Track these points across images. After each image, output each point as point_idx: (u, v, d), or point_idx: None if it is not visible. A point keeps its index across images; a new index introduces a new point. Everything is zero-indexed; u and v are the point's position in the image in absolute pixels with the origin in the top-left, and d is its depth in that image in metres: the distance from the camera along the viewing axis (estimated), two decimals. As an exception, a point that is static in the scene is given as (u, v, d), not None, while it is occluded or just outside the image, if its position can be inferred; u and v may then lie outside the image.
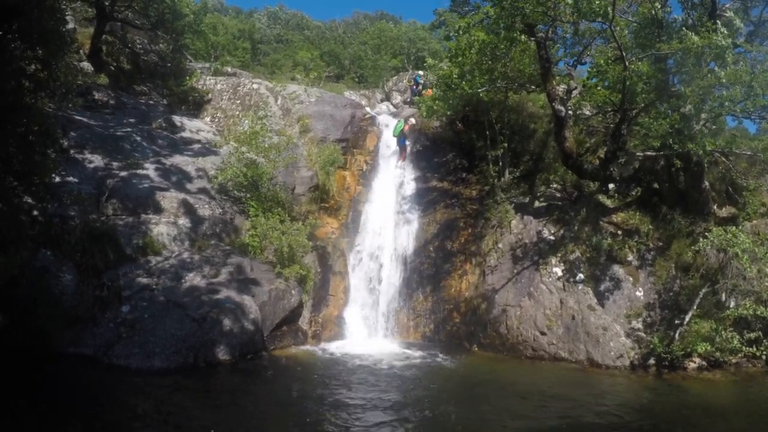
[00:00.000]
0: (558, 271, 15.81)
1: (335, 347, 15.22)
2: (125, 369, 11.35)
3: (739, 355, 13.44)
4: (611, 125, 17.21)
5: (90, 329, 12.12)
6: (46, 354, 11.24)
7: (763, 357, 13.29)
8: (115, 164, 16.24)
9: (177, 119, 20.46)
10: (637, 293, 15.27)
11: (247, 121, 19.32)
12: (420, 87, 26.86)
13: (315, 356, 14.18)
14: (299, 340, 15.10)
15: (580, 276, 15.57)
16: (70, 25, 19.49)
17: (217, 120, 22.00)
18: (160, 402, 10.10)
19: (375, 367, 13.34)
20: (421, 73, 27.61)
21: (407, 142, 21.33)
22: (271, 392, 11.18)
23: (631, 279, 15.45)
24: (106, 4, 21.21)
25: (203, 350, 12.15)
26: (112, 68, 22.78)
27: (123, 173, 15.82)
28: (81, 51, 21.97)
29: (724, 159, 16.36)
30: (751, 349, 13.17)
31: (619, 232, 16.34)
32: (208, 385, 11.23)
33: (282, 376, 12.44)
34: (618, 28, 14.94)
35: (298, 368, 13.08)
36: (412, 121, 21.61)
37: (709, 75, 13.17)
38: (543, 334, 14.92)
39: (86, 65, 21.51)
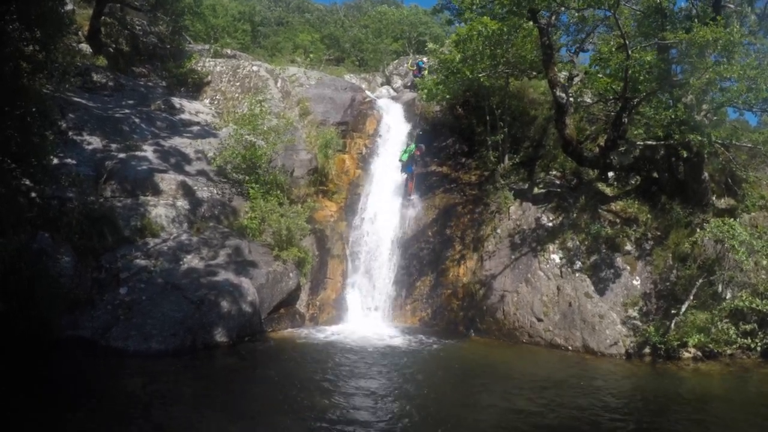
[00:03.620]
0: (556, 258, 15.84)
1: (332, 330, 15.30)
2: (123, 351, 11.39)
3: (734, 346, 13.50)
4: (612, 113, 17.17)
5: (88, 312, 12.16)
6: (45, 337, 11.26)
7: (758, 349, 13.36)
8: (113, 146, 16.23)
9: (176, 101, 20.40)
10: (634, 282, 15.30)
11: (246, 104, 19.24)
12: (424, 72, 26.54)
13: (312, 339, 14.24)
14: (297, 322, 15.18)
15: (578, 263, 15.60)
16: (69, 6, 19.37)
17: (216, 102, 21.92)
18: (157, 384, 10.15)
19: (372, 351, 13.40)
20: (425, 59, 27.32)
21: (415, 169, 19.45)
22: (268, 375, 11.23)
23: (628, 267, 15.47)
24: (105, -16, 21.08)
25: (201, 332, 12.20)
26: (111, 50, 22.65)
27: (121, 155, 15.82)
28: (80, 32, 21.84)
29: (724, 150, 16.31)
30: (746, 340, 13.24)
31: (618, 221, 16.34)
32: (206, 368, 11.30)
33: (279, 359, 12.50)
34: (621, 16, 14.84)
35: (295, 351, 13.15)
36: (422, 147, 19.69)
37: (713, 66, 13.10)
38: (540, 320, 14.99)
39: (85, 47, 21.41)
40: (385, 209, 19.04)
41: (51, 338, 11.36)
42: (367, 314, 17.06)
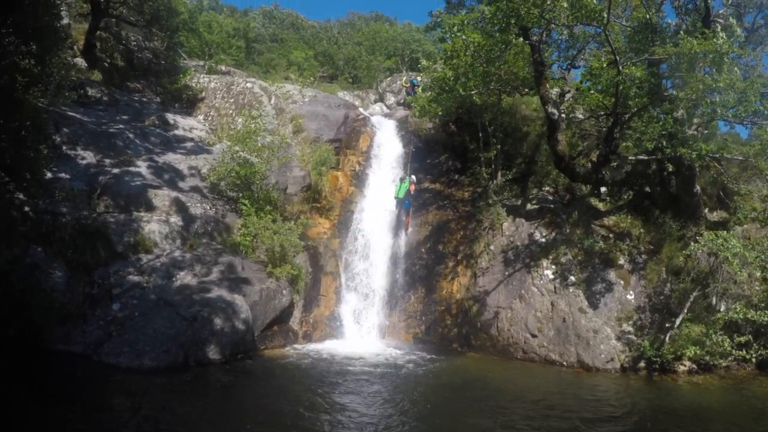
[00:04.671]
0: (549, 273, 15.86)
1: (326, 348, 15.20)
2: (115, 367, 11.26)
3: (730, 358, 13.55)
4: (604, 129, 17.30)
5: (80, 327, 12.06)
6: (36, 351, 11.16)
7: (753, 360, 13.39)
8: (107, 161, 16.18)
9: (170, 117, 20.39)
10: (628, 296, 15.33)
11: (240, 120, 19.25)
12: (418, 89, 26.54)
13: (305, 356, 14.12)
14: (290, 340, 15.06)
15: (572, 278, 15.61)
16: (65, 21, 19.39)
17: (210, 118, 21.94)
18: (149, 401, 10.03)
19: (365, 368, 13.31)
20: (419, 78, 27.35)
21: (411, 203, 18.96)
22: (261, 392, 11.11)
23: (622, 282, 15.51)
24: (101, 0, 21.11)
25: (194, 349, 12.08)
26: (106, 65, 22.69)
27: (115, 170, 15.75)
28: (75, 47, 21.87)
29: (715, 164, 16.47)
30: (741, 352, 13.27)
31: (611, 236, 16.40)
32: (198, 385, 11.17)
33: (272, 377, 12.39)
34: (612, 32, 15.00)
35: (288, 368, 13.03)
36: (413, 178, 19.10)
37: (703, 80, 13.25)
38: (534, 336, 14.96)
39: (80, 61, 21.42)
40: (378, 226, 19.03)
41: (41, 348, 11.27)
42: (360, 331, 16.98)
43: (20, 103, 10.76)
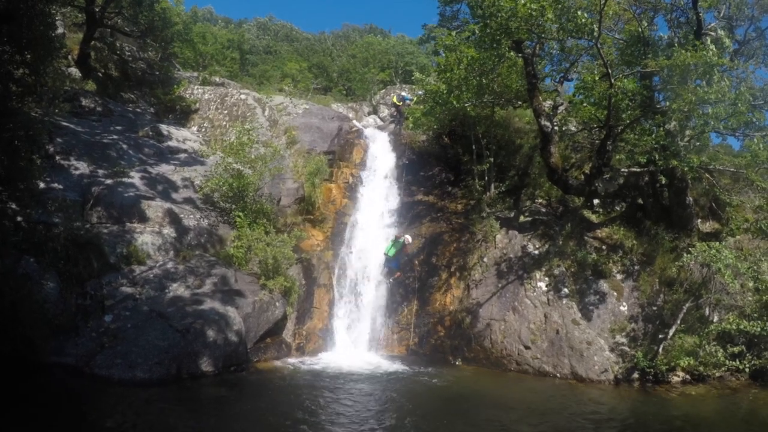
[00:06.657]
0: (542, 285, 15.87)
1: (319, 360, 15.16)
2: (107, 379, 11.14)
3: (723, 368, 13.55)
4: (596, 141, 17.40)
5: (72, 339, 11.92)
6: (28, 363, 11.04)
7: (747, 371, 13.41)
8: (100, 171, 16.13)
9: (164, 128, 20.39)
10: (621, 307, 15.36)
11: (234, 132, 19.25)
12: (410, 102, 26.45)
13: (298, 369, 14.07)
14: (283, 352, 14.99)
15: (565, 290, 15.63)
16: (60, 30, 19.45)
17: (204, 130, 21.96)
18: (141, 414, 9.93)
19: (358, 381, 13.28)
20: (409, 95, 27.12)
21: (401, 264, 17.76)
22: (254, 405, 11.03)
23: (615, 293, 15.54)
24: (96, 10, 21.18)
25: (186, 361, 11.99)
26: (100, 75, 22.71)
27: (108, 181, 15.70)
28: (69, 56, 21.86)
29: (707, 175, 16.57)
30: (734, 362, 13.29)
31: (604, 247, 16.46)
32: (191, 397, 11.08)
33: (265, 389, 12.33)
34: (604, 45, 15.11)
35: (282, 381, 12.98)
36: (409, 239, 17.51)
37: (695, 92, 13.36)
38: (527, 348, 14.95)
39: (74, 71, 21.40)
40: (371, 238, 19.01)
41: (32, 360, 11.14)
42: (353, 343, 16.92)
43: (14, 113, 10.71)
